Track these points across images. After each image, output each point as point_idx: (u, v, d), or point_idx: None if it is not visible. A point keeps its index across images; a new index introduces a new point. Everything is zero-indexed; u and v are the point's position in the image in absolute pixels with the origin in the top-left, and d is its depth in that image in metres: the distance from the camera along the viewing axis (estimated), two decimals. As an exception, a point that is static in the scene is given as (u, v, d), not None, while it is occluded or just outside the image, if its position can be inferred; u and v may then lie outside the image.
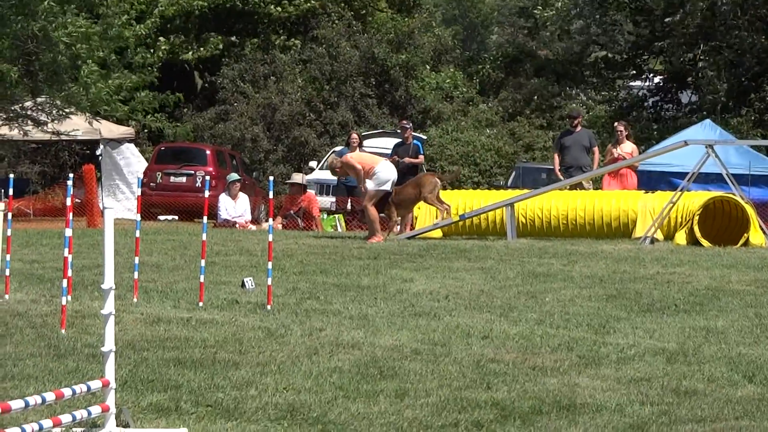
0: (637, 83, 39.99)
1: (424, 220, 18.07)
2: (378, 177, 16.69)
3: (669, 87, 38.65)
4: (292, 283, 11.56)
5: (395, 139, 23.88)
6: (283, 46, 38.72)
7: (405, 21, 38.77)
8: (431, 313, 9.83)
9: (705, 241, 15.76)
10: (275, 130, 35.26)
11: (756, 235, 15.91)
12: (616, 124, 22.15)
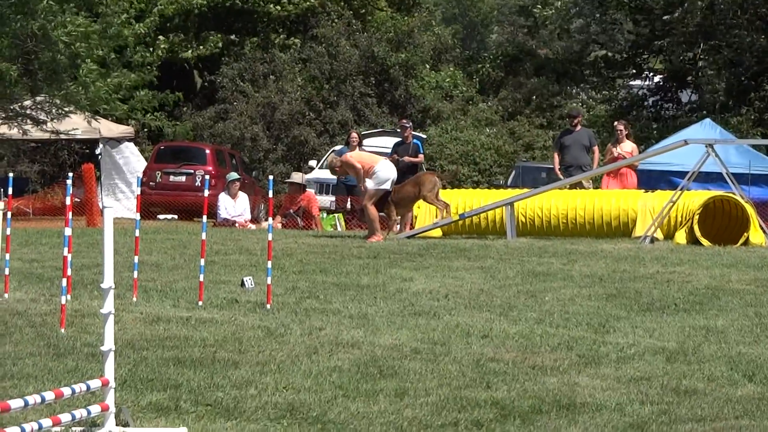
0: (637, 82, 39.99)
1: (423, 219, 18.06)
2: (378, 176, 16.68)
3: (669, 86, 38.65)
4: (291, 282, 11.55)
5: (395, 138, 23.88)
6: (282, 45, 38.71)
7: (405, 20, 38.77)
8: (431, 312, 9.82)
9: (705, 241, 15.76)
10: (275, 129, 35.25)
11: (756, 234, 15.91)
12: (615, 123, 22.14)
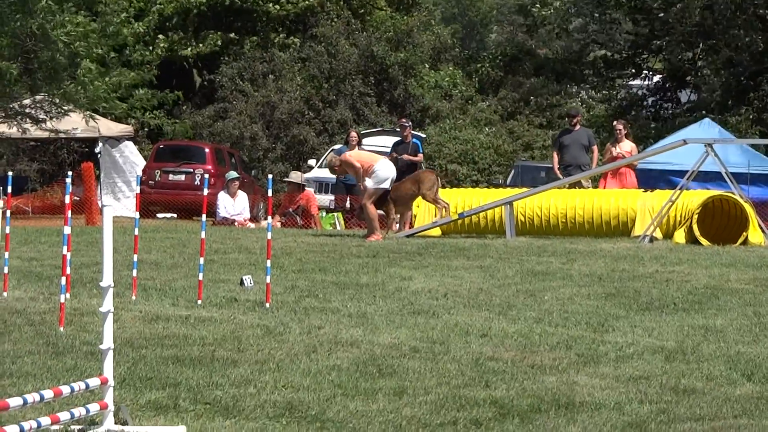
0: (636, 82, 39.99)
1: (423, 218, 18.07)
2: (377, 175, 16.68)
3: (668, 86, 38.65)
4: (290, 281, 11.56)
5: (394, 138, 23.89)
6: (281, 44, 38.70)
7: (404, 19, 38.77)
8: (430, 311, 9.83)
9: (704, 240, 15.76)
10: (274, 128, 35.25)
11: (755, 233, 15.91)
12: (615, 122, 22.14)
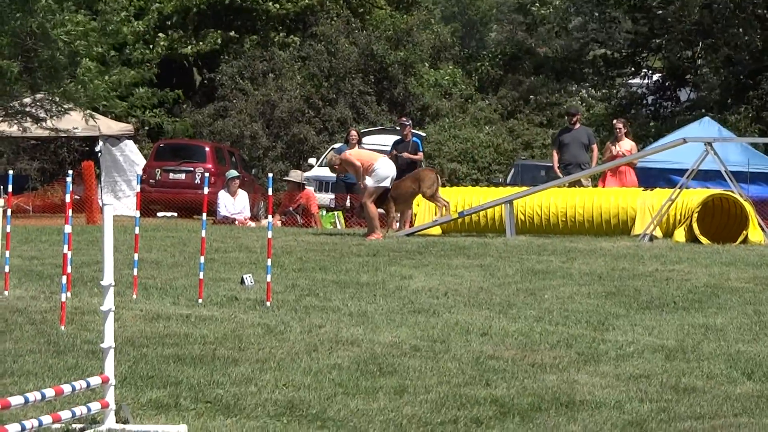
0: (636, 81, 39.97)
1: (423, 217, 18.07)
2: (377, 174, 16.69)
3: (667, 85, 38.63)
4: (291, 280, 11.56)
5: (394, 136, 23.90)
6: (281, 42, 38.69)
7: (404, 18, 38.75)
8: (430, 310, 9.83)
9: (704, 239, 15.76)
10: (274, 127, 35.24)
11: (755, 232, 15.92)
12: (614, 121, 22.14)
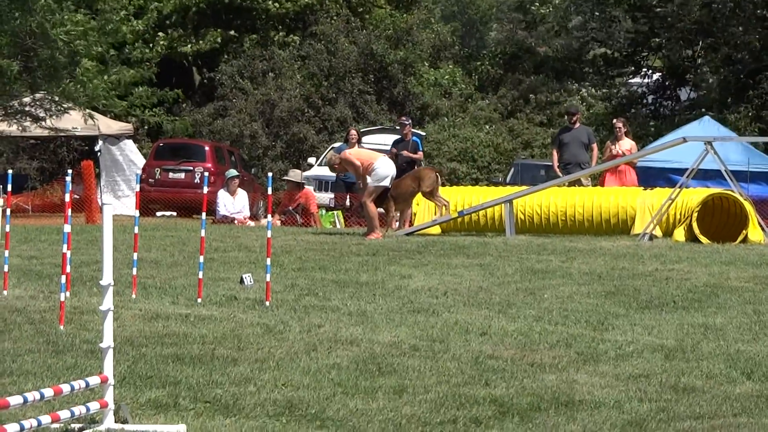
0: (636, 80, 39.96)
1: (422, 216, 18.07)
2: (377, 173, 16.69)
3: (667, 84, 38.63)
4: (290, 280, 11.56)
5: (394, 136, 23.91)
6: (281, 42, 38.68)
7: (403, 17, 38.75)
8: (430, 309, 9.83)
9: (704, 238, 15.76)
10: (274, 126, 35.23)
11: (754, 231, 15.92)
12: (614, 120, 22.14)
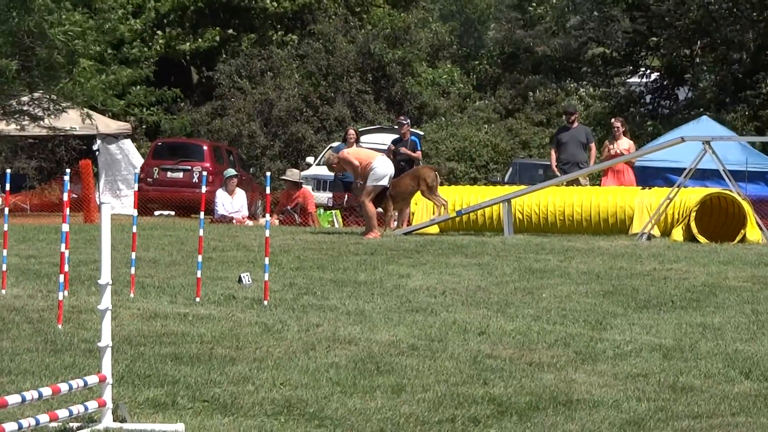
0: (634, 80, 39.97)
1: (421, 215, 18.07)
2: (375, 172, 16.68)
3: (666, 83, 38.63)
4: (289, 279, 11.55)
5: (392, 135, 23.92)
6: (279, 41, 38.68)
7: (401, 16, 38.76)
8: (428, 308, 9.83)
9: (702, 238, 15.76)
10: (272, 125, 35.24)
11: (753, 231, 15.92)
12: (613, 120, 22.15)
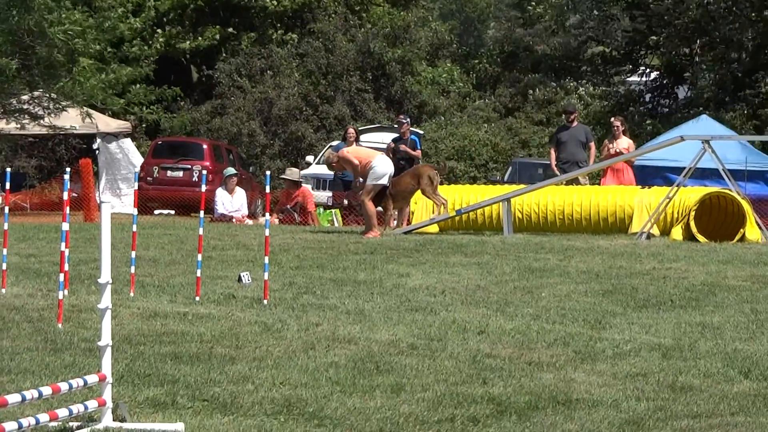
0: (634, 78, 39.96)
1: (420, 215, 18.08)
2: (375, 171, 16.68)
3: (665, 82, 38.63)
4: (288, 278, 11.56)
5: (392, 134, 23.91)
6: (279, 40, 38.67)
7: (401, 15, 38.75)
8: (427, 308, 9.83)
9: (701, 237, 15.76)
10: (272, 124, 35.24)
11: (752, 230, 15.93)
12: (612, 119, 22.15)
